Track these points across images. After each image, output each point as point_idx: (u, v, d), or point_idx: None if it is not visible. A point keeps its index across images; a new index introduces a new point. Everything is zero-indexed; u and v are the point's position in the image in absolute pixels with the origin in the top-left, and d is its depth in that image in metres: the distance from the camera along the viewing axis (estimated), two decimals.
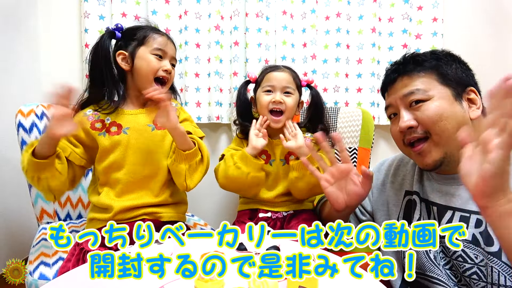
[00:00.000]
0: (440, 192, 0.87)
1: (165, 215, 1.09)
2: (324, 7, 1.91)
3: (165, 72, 1.08)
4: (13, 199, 1.65)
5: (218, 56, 1.87)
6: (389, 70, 0.93)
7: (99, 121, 1.06)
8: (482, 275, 0.76)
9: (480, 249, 0.77)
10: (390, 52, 1.92)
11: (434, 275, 0.84)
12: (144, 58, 1.06)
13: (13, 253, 1.64)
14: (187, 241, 0.88)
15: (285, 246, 0.85)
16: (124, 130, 1.06)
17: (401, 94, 0.85)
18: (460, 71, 0.86)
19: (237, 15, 1.86)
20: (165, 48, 1.08)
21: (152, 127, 1.09)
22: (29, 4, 1.79)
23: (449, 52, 0.91)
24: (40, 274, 0.98)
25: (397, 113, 0.88)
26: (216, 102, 1.89)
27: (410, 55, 0.91)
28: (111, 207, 1.04)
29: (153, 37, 1.08)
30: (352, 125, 1.71)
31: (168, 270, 0.74)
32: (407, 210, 0.94)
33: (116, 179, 1.05)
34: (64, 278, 0.73)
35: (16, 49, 1.71)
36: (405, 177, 0.98)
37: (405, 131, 0.84)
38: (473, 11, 1.87)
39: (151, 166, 1.08)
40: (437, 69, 0.84)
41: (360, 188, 0.89)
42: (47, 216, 1.33)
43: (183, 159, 1.03)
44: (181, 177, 1.06)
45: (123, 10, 1.77)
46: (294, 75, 1.28)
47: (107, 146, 1.04)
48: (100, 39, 1.08)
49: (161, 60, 1.08)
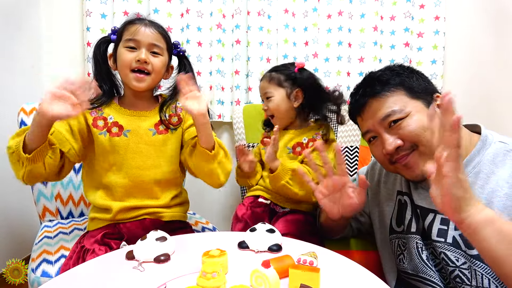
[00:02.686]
0: (423, 195, 0.87)
1: (167, 215, 1.08)
2: (326, 6, 1.90)
3: (139, 63, 0.99)
4: (15, 196, 1.66)
5: (219, 54, 1.88)
6: (356, 95, 0.92)
7: (102, 118, 1.03)
8: (465, 278, 0.77)
9: (461, 251, 0.77)
10: (392, 50, 1.92)
11: (427, 276, 0.84)
12: (119, 54, 1.01)
13: (15, 250, 1.65)
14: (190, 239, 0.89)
15: (287, 245, 0.85)
16: (125, 132, 1.03)
17: (378, 118, 0.84)
18: (422, 81, 0.86)
19: (238, 13, 1.85)
20: (136, 37, 0.99)
21: (153, 131, 1.05)
22: (31, 3, 1.79)
23: (403, 65, 0.91)
24: (42, 272, 0.98)
25: (376, 136, 0.88)
26: (217, 100, 1.89)
27: (370, 75, 0.92)
28: (110, 208, 1.02)
29: (126, 29, 1.01)
30: (353, 124, 1.70)
31: (170, 268, 0.74)
32: (400, 209, 0.94)
33: (115, 182, 1.03)
34: (66, 275, 0.73)
35: (18, 48, 1.72)
36: (396, 177, 0.98)
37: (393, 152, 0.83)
38: (474, 10, 1.87)
39: (150, 171, 1.05)
40: (403, 84, 0.84)
41: (355, 201, 0.87)
42: (49, 214, 1.34)
43: (211, 158, 0.97)
44: (214, 176, 1.01)
45: (125, 8, 1.77)
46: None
47: (107, 146, 1.02)
48: (94, 48, 1.06)
49: (134, 51, 0.99)
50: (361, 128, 0.93)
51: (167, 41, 1.06)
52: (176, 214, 1.11)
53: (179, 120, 1.10)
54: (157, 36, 1.02)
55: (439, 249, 0.81)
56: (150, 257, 0.76)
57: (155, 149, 1.06)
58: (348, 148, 1.70)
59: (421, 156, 0.81)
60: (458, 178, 0.58)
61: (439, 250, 0.81)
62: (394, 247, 0.94)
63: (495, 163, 0.76)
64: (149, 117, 1.07)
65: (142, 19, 1.04)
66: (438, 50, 1.87)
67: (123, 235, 1.03)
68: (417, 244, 0.86)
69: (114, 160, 1.03)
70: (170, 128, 1.08)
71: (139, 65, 0.99)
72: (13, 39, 1.68)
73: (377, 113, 0.85)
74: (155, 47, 1.02)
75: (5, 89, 1.63)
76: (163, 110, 1.08)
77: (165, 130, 1.07)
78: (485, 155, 0.78)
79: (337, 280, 0.70)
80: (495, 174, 0.75)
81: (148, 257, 0.76)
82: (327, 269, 0.72)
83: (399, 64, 0.92)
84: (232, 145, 1.99)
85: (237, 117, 1.79)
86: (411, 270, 0.88)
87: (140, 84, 1.01)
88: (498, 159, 0.77)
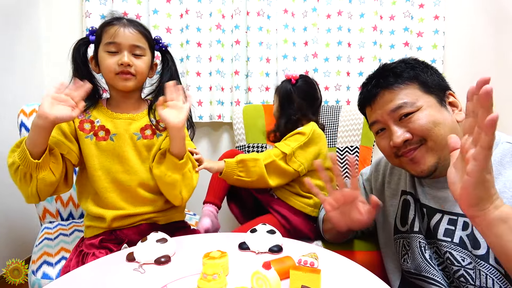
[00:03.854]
0: (429, 195, 0.87)
1: (162, 219, 1.06)
2: (325, 5, 1.90)
3: (122, 67, 0.96)
4: (15, 198, 1.65)
5: (219, 55, 1.87)
6: (368, 85, 0.90)
7: (88, 121, 1.00)
8: (469, 277, 0.76)
9: (467, 252, 0.77)
10: (391, 50, 1.92)
11: (430, 275, 0.84)
12: (100, 58, 0.98)
13: (16, 252, 1.65)
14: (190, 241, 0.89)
15: (288, 246, 0.85)
16: (111, 136, 1.00)
17: (388, 109, 0.83)
18: (436, 77, 0.85)
19: (238, 13, 1.85)
20: (116, 40, 0.96)
21: (138, 135, 1.02)
22: (30, 4, 1.79)
23: (418, 59, 0.89)
24: (43, 274, 0.98)
25: (385, 128, 0.86)
26: (217, 101, 1.89)
27: (384, 67, 0.90)
28: (103, 217, 1.00)
29: (105, 31, 0.98)
30: (353, 124, 1.71)
31: (171, 270, 0.74)
32: (403, 209, 0.94)
33: (103, 187, 1.00)
34: (67, 277, 0.73)
35: (18, 49, 1.72)
36: (400, 176, 0.97)
37: (401, 145, 0.82)
38: (474, 9, 1.87)
39: (137, 176, 1.02)
40: (417, 78, 0.83)
41: (365, 217, 0.85)
42: (50, 215, 1.34)
43: (177, 168, 0.95)
44: (176, 189, 0.98)
45: (125, 9, 1.77)
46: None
47: (92, 150, 0.99)
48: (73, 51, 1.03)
49: (115, 55, 0.97)
50: (369, 119, 0.91)
51: (148, 40, 1.02)
52: (172, 216, 1.10)
53: None
54: (137, 36, 0.99)
55: (444, 249, 0.80)
56: (151, 259, 0.76)
57: (141, 154, 1.03)
58: (348, 148, 1.70)
59: (428, 152, 0.80)
60: (483, 179, 0.56)
61: (444, 250, 0.80)
62: (399, 247, 0.94)
63: (502, 164, 0.75)
64: (136, 120, 1.04)
65: (119, 19, 1.00)
66: (438, 50, 1.87)
67: (121, 240, 1.02)
68: (420, 243, 0.86)
69: (100, 164, 1.00)
70: (156, 133, 1.05)
71: (122, 69, 0.96)
72: (12, 40, 1.68)
73: (388, 104, 0.83)
74: (136, 49, 0.98)
75: (4, 90, 1.63)
76: (152, 113, 1.05)
77: (151, 135, 1.04)
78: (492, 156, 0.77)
79: (338, 281, 0.69)
80: (502, 175, 0.74)
81: (149, 259, 0.76)
82: (328, 270, 0.72)
83: (414, 58, 0.89)
84: (232, 146, 1.99)
85: (237, 118, 1.79)
86: (414, 269, 0.88)
87: (127, 83, 0.98)
88: (505, 159, 0.76)
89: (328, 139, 1.72)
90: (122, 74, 0.97)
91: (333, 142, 1.72)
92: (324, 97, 1.94)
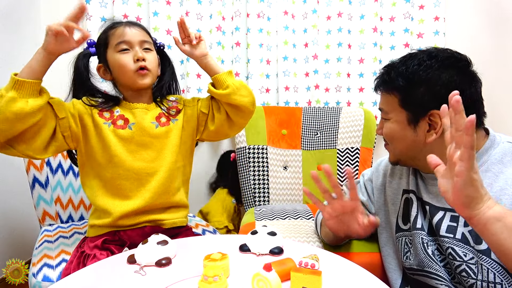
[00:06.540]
0: (431, 193, 0.89)
1: (167, 222, 1.07)
2: (325, 7, 1.91)
3: (138, 62, 0.99)
4: (15, 200, 1.66)
5: (219, 56, 1.88)
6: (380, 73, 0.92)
7: (108, 110, 1.03)
8: (471, 272, 0.78)
9: (469, 247, 0.79)
10: (392, 51, 1.92)
11: (433, 270, 0.85)
12: (113, 61, 1.00)
13: (16, 254, 1.65)
14: (191, 243, 0.88)
15: (289, 248, 0.85)
16: (129, 125, 1.03)
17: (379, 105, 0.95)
18: (428, 95, 0.82)
19: (238, 15, 1.86)
20: (126, 38, 0.99)
21: (156, 124, 1.05)
22: (31, 6, 1.80)
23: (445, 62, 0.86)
24: (43, 276, 0.98)
25: None
26: None
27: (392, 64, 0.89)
28: (109, 212, 1.00)
29: (111, 34, 1.01)
30: (354, 125, 1.71)
31: (172, 272, 0.74)
32: (405, 207, 0.96)
33: (117, 174, 1.01)
34: (68, 280, 0.73)
35: (18, 51, 1.72)
36: (402, 175, 0.99)
37: None
38: (474, 10, 1.87)
39: (153, 164, 1.04)
40: (403, 91, 0.85)
41: (362, 230, 0.88)
42: (49, 218, 1.34)
43: (231, 75, 1.08)
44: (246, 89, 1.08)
45: (125, 12, 1.77)
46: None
47: (109, 136, 1.00)
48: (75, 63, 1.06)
49: (129, 52, 1.00)
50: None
51: (151, 37, 1.08)
52: (177, 220, 1.10)
53: (177, 110, 1.10)
54: (143, 33, 1.04)
55: (447, 245, 0.82)
56: (152, 261, 0.76)
57: (159, 142, 1.05)
58: (348, 149, 1.70)
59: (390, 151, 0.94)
60: (471, 178, 0.59)
61: (446, 246, 0.82)
62: (401, 245, 0.94)
63: (503, 162, 0.78)
64: (150, 110, 1.07)
65: (120, 22, 1.04)
66: None
67: (124, 242, 1.02)
68: (422, 239, 0.87)
69: (116, 151, 1.00)
70: (170, 119, 1.08)
71: (139, 64, 0.99)
72: (12, 42, 1.68)
73: (380, 100, 0.94)
74: (145, 43, 1.02)
75: None
76: (160, 103, 1.09)
77: (167, 121, 1.07)
78: (493, 155, 0.80)
79: (339, 283, 0.69)
80: (503, 173, 0.77)
81: (150, 261, 0.76)
82: (329, 272, 0.72)
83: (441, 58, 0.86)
84: (233, 147, 1.99)
85: None
86: (416, 265, 0.89)
87: (145, 80, 1.01)
88: (506, 158, 0.78)
89: (328, 141, 1.72)
90: (141, 71, 1.00)
91: (333, 144, 1.72)
92: (324, 98, 1.95)
